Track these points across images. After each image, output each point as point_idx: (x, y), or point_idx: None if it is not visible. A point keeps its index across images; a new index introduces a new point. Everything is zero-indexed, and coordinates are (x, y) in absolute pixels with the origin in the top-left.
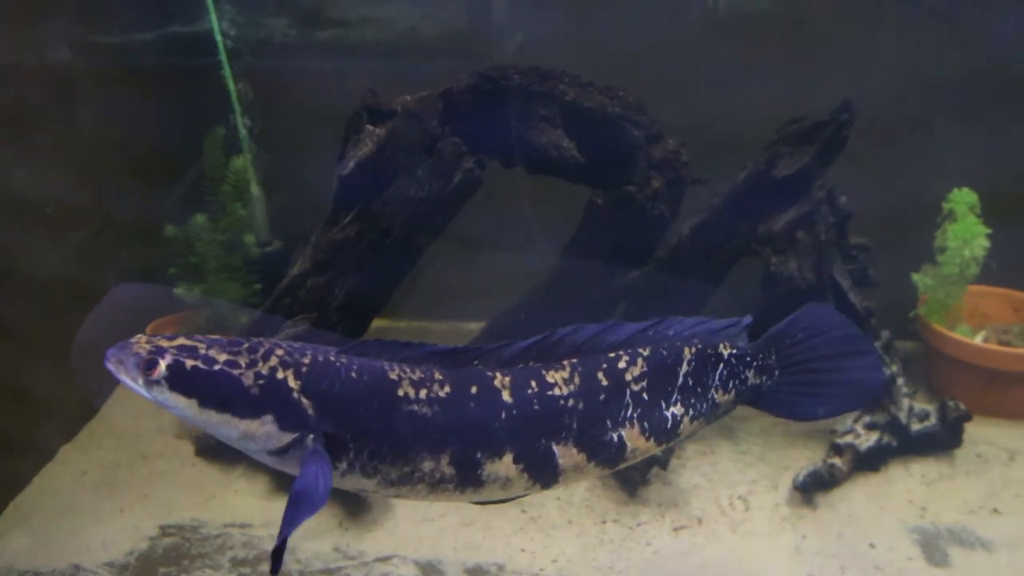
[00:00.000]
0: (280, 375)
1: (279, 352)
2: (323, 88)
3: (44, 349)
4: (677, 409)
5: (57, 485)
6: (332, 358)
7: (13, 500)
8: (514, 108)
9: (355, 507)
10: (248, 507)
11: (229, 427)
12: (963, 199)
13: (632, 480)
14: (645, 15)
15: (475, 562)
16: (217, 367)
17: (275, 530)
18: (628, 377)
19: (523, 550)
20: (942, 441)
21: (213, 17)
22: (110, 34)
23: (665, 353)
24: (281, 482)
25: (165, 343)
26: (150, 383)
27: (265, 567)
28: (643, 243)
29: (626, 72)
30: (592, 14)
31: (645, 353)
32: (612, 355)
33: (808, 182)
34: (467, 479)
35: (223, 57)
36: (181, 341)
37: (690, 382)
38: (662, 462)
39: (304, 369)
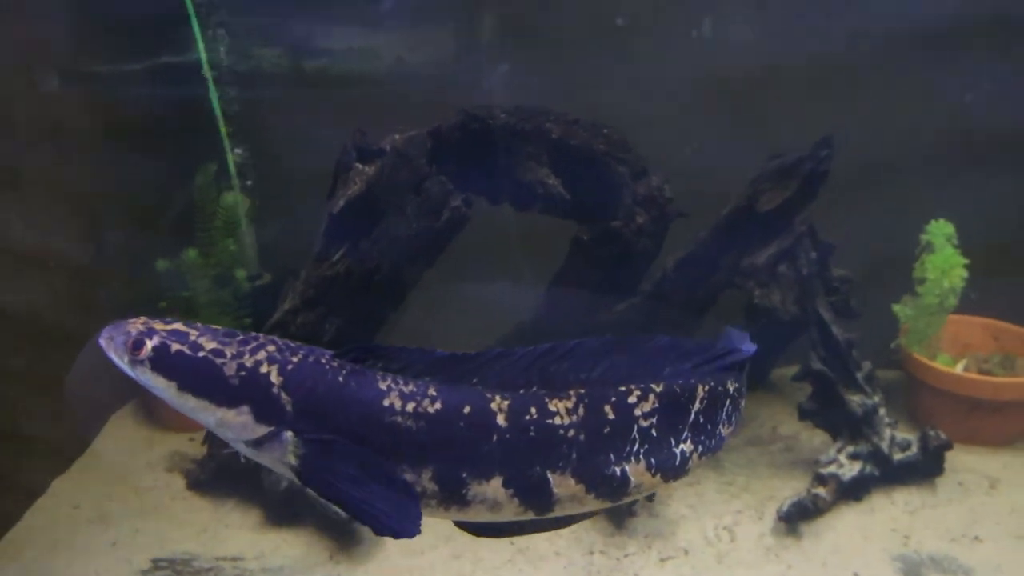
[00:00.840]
0: (263, 369)
1: (270, 348)
2: (313, 118)
3: (34, 385)
4: (687, 447)
5: (49, 519)
6: (323, 361)
7: (5, 534)
8: (501, 146)
9: (346, 540)
10: (240, 540)
11: (206, 413)
12: (941, 230)
13: (619, 511)
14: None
15: None
16: (202, 354)
17: (267, 563)
18: (637, 412)
19: None
20: (924, 470)
21: (201, 48)
22: (99, 64)
23: (678, 391)
24: (273, 516)
25: (159, 326)
26: (134, 362)
27: None
28: (628, 277)
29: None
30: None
31: (658, 390)
32: (623, 389)
33: (790, 217)
34: (451, 497)
35: (211, 89)
36: (175, 326)
37: (701, 419)
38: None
39: (289, 367)
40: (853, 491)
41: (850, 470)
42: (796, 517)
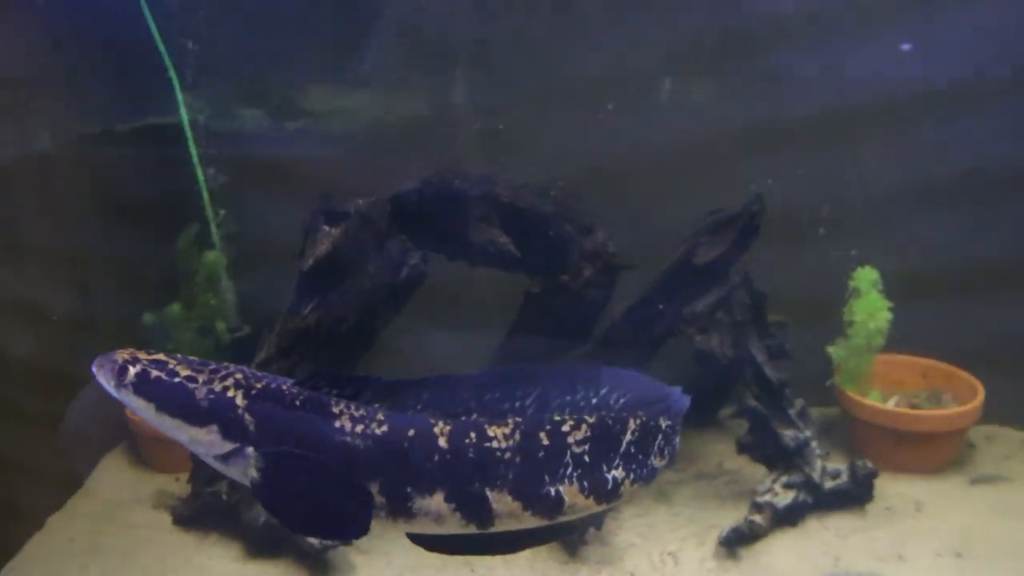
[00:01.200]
0: (230, 393)
1: (237, 376)
2: (295, 176)
3: (32, 428)
4: (619, 473)
5: (46, 551)
6: (284, 387)
7: (6, 565)
8: (454, 209)
9: (320, 569)
10: (222, 570)
11: (180, 431)
12: (866, 277)
13: (572, 541)
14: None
15: None
16: (177, 380)
17: None
18: (570, 440)
19: None
20: (854, 496)
21: (182, 109)
22: (89, 125)
23: (611, 422)
24: (252, 548)
25: (142, 356)
26: (120, 386)
27: None
28: (580, 326)
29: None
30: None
31: (591, 420)
32: (557, 418)
33: (725, 268)
34: (398, 509)
35: (192, 151)
36: (157, 356)
37: (633, 450)
38: (596, 523)
39: (253, 392)
40: (788, 517)
41: (784, 498)
42: (735, 542)
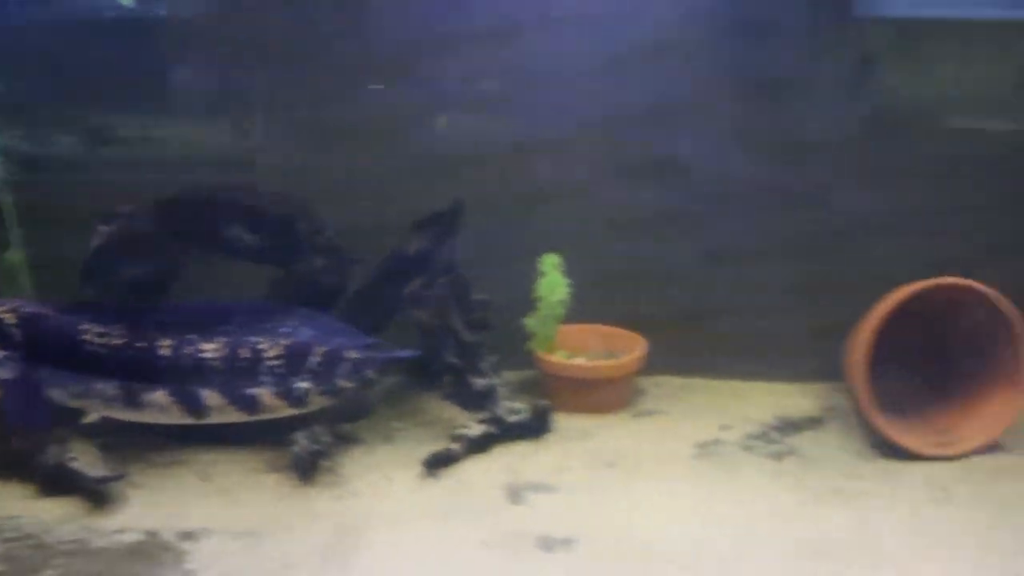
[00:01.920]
0: (4, 316)
1: (16, 303)
2: (98, 193)
3: None
4: (305, 384)
5: None
6: (48, 312)
7: None
8: (206, 211)
9: (100, 500)
10: (17, 506)
11: None
12: (550, 261)
13: (306, 470)
14: None
15: (184, 527)
16: None
17: (39, 519)
18: (265, 356)
19: (218, 517)
20: (534, 428)
21: None
22: None
23: (300, 346)
24: (45, 488)
25: None
26: None
27: (33, 541)
28: (319, 306)
29: None
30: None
31: (284, 343)
32: (257, 339)
33: (432, 256)
34: (130, 401)
35: None
36: None
37: (319, 368)
38: (323, 454)
39: (23, 314)
40: (479, 445)
41: (476, 431)
42: (435, 464)
